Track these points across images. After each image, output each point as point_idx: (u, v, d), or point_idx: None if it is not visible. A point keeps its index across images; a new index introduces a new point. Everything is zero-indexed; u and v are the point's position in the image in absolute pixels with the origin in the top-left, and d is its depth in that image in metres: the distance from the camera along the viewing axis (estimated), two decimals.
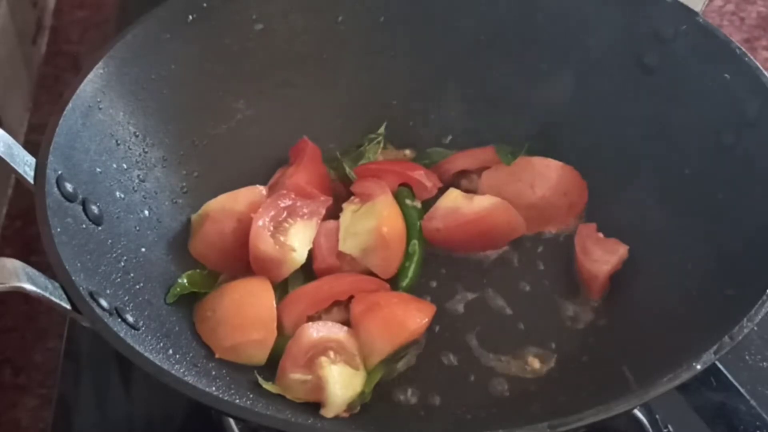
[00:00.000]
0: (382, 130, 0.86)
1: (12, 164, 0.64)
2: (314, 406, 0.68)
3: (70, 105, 0.68)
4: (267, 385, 0.68)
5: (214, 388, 0.64)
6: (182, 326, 0.70)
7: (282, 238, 0.74)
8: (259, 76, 0.82)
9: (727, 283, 0.65)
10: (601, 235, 0.78)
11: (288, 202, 0.76)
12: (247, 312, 0.71)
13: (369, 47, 0.84)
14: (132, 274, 0.68)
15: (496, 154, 0.82)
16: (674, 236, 0.73)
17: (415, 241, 0.77)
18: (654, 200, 0.76)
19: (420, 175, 0.81)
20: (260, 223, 0.73)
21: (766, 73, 0.70)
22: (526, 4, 0.81)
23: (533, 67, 0.83)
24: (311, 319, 0.72)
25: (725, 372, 0.75)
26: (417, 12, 0.84)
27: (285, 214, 0.75)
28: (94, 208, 0.67)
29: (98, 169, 0.70)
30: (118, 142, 0.73)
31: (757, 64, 0.70)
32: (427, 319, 0.72)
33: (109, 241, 0.68)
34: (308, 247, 0.75)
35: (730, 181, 0.70)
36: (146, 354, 0.58)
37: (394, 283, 0.76)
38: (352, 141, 0.85)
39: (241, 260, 0.74)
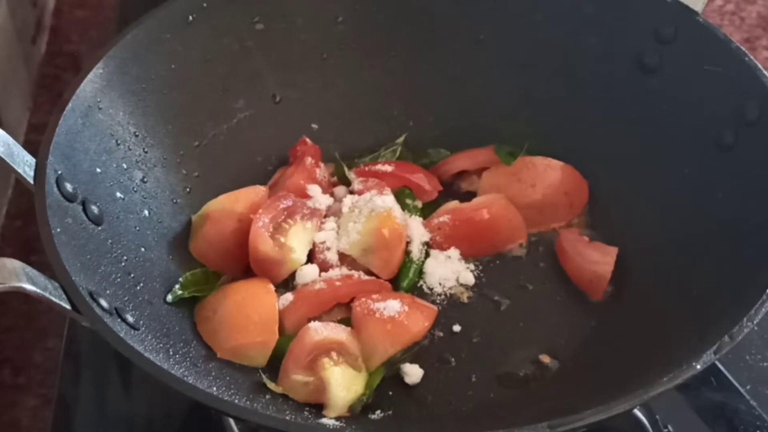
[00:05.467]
0: (401, 140, 0.85)
1: (12, 164, 0.64)
2: (315, 406, 0.68)
3: (70, 105, 0.68)
4: (272, 385, 0.68)
5: (214, 389, 0.64)
6: (182, 326, 0.70)
7: (282, 239, 0.74)
8: (259, 76, 0.82)
9: (727, 282, 0.65)
10: (586, 239, 0.78)
11: (288, 203, 0.76)
12: (248, 314, 0.71)
13: (369, 47, 0.85)
14: (132, 274, 0.68)
15: (495, 154, 0.82)
16: (674, 236, 0.73)
17: (415, 242, 0.77)
18: (654, 200, 0.76)
19: (419, 178, 0.81)
20: (260, 224, 0.73)
21: (766, 73, 0.70)
22: (526, 3, 0.81)
23: (533, 67, 0.83)
24: (312, 319, 0.72)
25: (725, 372, 0.75)
26: (417, 12, 0.84)
27: (285, 214, 0.75)
28: (94, 208, 0.67)
29: (98, 169, 0.70)
30: (118, 142, 0.73)
31: (757, 64, 0.70)
32: (429, 322, 0.72)
33: (109, 241, 0.68)
34: (308, 248, 0.75)
35: (730, 181, 0.70)
36: (146, 354, 0.58)
37: (394, 283, 0.76)
38: (351, 141, 0.85)
39: (241, 261, 0.74)
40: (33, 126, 1.04)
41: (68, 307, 0.59)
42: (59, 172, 0.65)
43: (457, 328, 0.74)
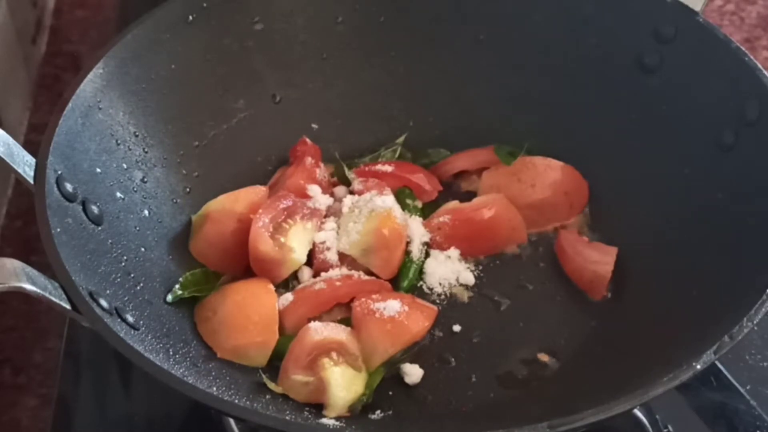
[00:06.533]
0: (401, 140, 0.85)
1: (12, 164, 0.64)
2: (315, 406, 0.68)
3: (70, 105, 0.68)
4: (272, 385, 0.68)
5: (214, 389, 0.64)
6: (182, 326, 0.70)
7: (282, 239, 0.74)
8: (259, 76, 0.82)
9: (727, 282, 0.65)
10: (585, 239, 0.78)
11: (288, 203, 0.76)
12: (248, 314, 0.71)
13: (369, 47, 0.85)
14: (132, 274, 0.68)
15: (495, 154, 0.82)
16: (674, 236, 0.73)
17: (415, 242, 0.77)
18: (654, 200, 0.76)
19: (420, 178, 0.81)
20: (260, 224, 0.73)
21: (766, 73, 0.70)
22: (526, 4, 0.81)
23: (533, 67, 0.83)
24: (312, 319, 0.72)
25: (725, 372, 0.75)
26: (417, 12, 0.84)
27: (285, 214, 0.75)
28: (94, 208, 0.67)
29: (98, 169, 0.70)
30: (118, 142, 0.73)
31: (757, 64, 0.70)
32: (429, 322, 0.72)
33: (109, 241, 0.68)
34: (308, 248, 0.75)
35: (730, 180, 0.70)
36: (146, 354, 0.58)
37: (394, 283, 0.76)
38: (351, 141, 0.85)
39: (241, 261, 0.74)
40: (33, 126, 1.04)
41: (68, 307, 0.59)
42: (59, 172, 0.65)
43: (457, 328, 0.74)
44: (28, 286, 0.57)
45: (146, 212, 0.74)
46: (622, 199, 0.79)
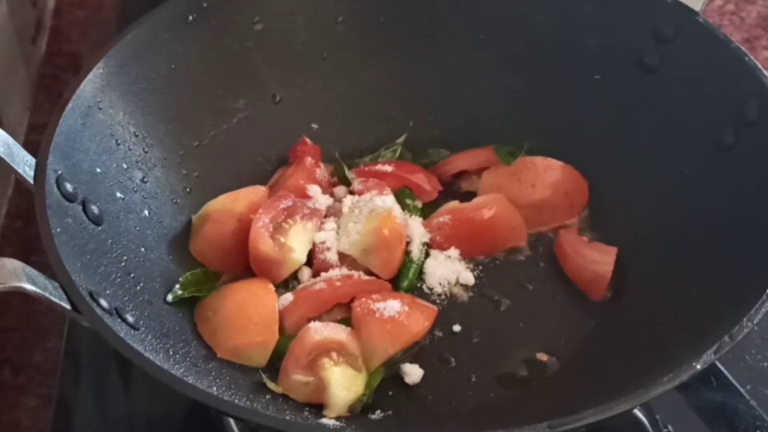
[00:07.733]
0: (401, 140, 0.85)
1: (12, 164, 0.64)
2: (315, 406, 0.68)
3: (70, 105, 0.68)
4: (272, 385, 0.68)
5: (214, 389, 0.64)
6: (182, 326, 0.70)
7: (282, 239, 0.74)
8: (259, 76, 0.82)
9: (727, 282, 0.65)
10: (585, 239, 0.78)
11: (288, 203, 0.76)
12: (248, 314, 0.71)
13: (369, 47, 0.85)
14: (132, 274, 0.68)
15: (495, 154, 0.82)
16: (674, 236, 0.73)
17: (415, 242, 0.77)
18: (654, 200, 0.76)
19: (420, 178, 0.81)
20: (260, 224, 0.73)
21: (766, 73, 0.70)
22: (526, 4, 0.82)
23: (533, 67, 0.83)
24: (312, 319, 0.72)
25: (725, 372, 0.75)
26: (417, 12, 0.84)
27: (285, 214, 0.75)
28: (94, 208, 0.67)
29: (98, 169, 0.70)
30: (118, 142, 0.73)
31: (757, 64, 0.70)
32: (429, 322, 0.72)
33: (109, 241, 0.68)
34: (308, 248, 0.75)
35: (730, 180, 0.70)
36: (146, 354, 0.58)
37: (394, 283, 0.76)
38: (352, 141, 0.85)
39: (241, 261, 0.74)
40: (33, 126, 1.04)
41: (68, 307, 0.59)
42: (59, 172, 0.65)
43: (457, 328, 0.74)
44: (28, 286, 0.57)
45: (146, 212, 0.74)
46: (622, 199, 0.79)
